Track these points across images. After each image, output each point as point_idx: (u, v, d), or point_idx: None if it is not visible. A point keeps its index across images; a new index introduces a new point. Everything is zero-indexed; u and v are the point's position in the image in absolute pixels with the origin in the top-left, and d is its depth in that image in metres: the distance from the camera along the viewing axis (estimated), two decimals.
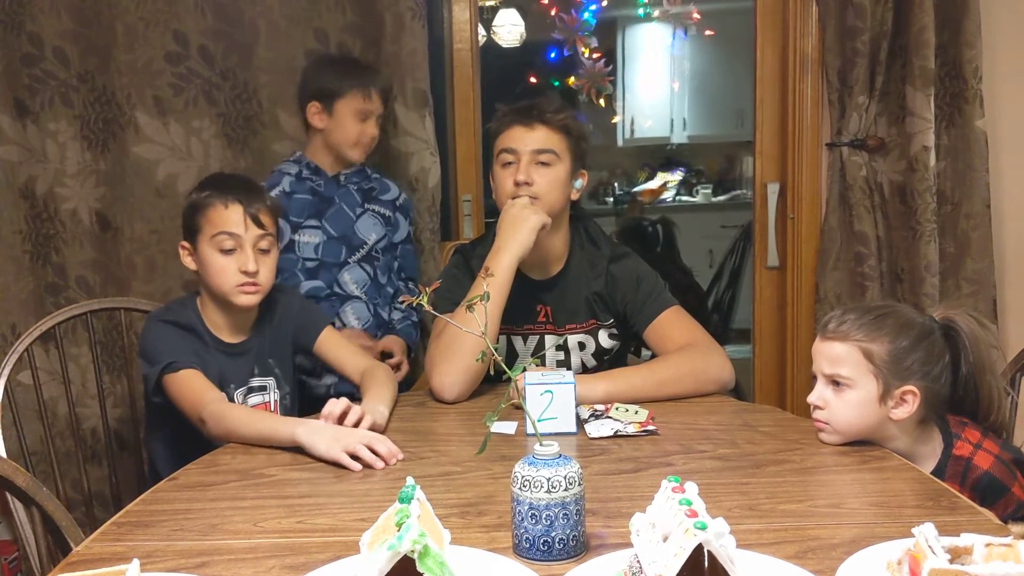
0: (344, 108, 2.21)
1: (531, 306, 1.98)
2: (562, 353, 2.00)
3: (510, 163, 1.91)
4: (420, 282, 2.47)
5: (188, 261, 1.83)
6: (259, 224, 1.78)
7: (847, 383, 1.45)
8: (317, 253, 2.24)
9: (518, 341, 2.02)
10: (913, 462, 1.43)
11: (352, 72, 2.26)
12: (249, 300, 1.80)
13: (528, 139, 1.89)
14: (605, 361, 2.03)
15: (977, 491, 1.41)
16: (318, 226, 2.24)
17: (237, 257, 1.76)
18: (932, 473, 1.41)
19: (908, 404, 1.45)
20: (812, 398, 1.50)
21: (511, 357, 2.00)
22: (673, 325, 1.92)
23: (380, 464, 1.45)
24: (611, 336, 2.01)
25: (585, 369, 2.01)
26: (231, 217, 1.76)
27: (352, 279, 2.27)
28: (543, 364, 2.00)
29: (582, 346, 2.00)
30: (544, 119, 1.90)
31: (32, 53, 2.46)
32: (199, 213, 1.78)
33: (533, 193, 1.88)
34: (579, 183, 1.98)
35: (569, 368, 1.99)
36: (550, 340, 2.00)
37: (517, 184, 1.88)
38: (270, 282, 1.83)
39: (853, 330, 1.46)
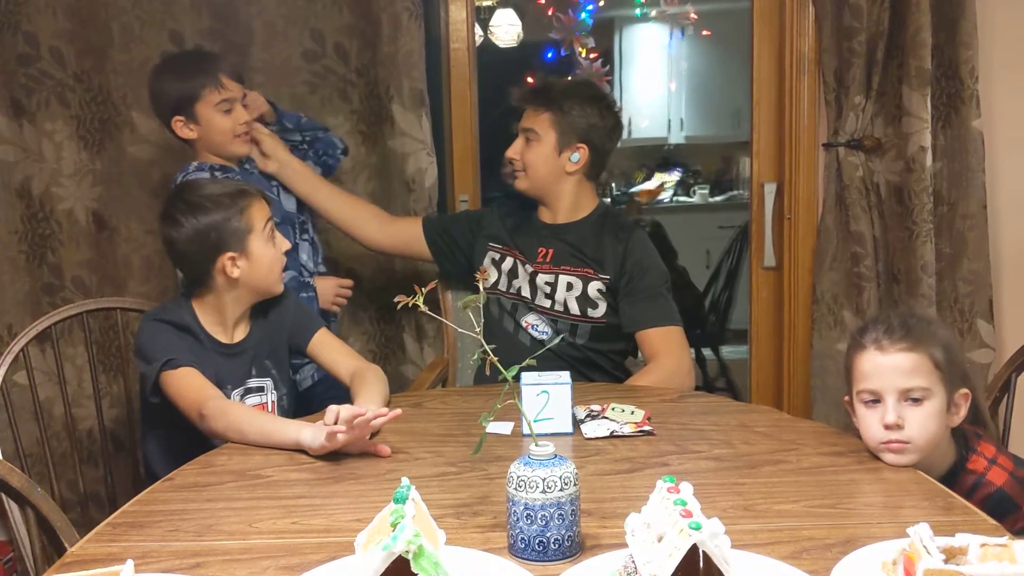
0: (204, 110, 2.07)
1: (535, 245, 2.17)
2: (549, 288, 2.12)
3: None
4: (416, 281, 2.45)
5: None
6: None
7: (925, 395, 1.36)
8: None
9: (519, 266, 2.18)
10: (930, 470, 1.37)
11: (194, 70, 2.10)
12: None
13: (523, 119, 2.16)
14: (588, 316, 2.10)
15: (986, 507, 1.32)
16: None
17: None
18: (940, 481, 1.35)
19: (962, 408, 1.40)
20: (891, 419, 1.35)
21: (511, 276, 2.18)
22: (670, 346, 2.06)
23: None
24: (599, 292, 2.10)
25: (566, 310, 2.10)
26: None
27: (307, 257, 2.24)
28: (531, 296, 2.13)
29: (570, 286, 2.11)
30: (527, 100, 2.16)
31: (28, 53, 2.46)
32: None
33: (518, 167, 2.15)
34: (575, 156, 2.12)
35: (554, 305, 2.11)
36: (543, 277, 2.13)
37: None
38: None
39: (912, 338, 1.37)
